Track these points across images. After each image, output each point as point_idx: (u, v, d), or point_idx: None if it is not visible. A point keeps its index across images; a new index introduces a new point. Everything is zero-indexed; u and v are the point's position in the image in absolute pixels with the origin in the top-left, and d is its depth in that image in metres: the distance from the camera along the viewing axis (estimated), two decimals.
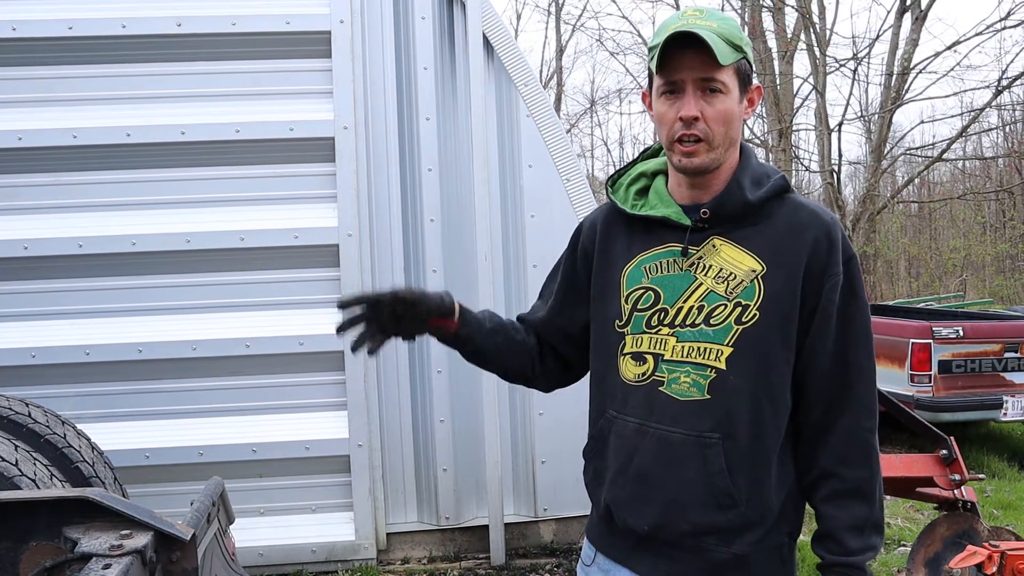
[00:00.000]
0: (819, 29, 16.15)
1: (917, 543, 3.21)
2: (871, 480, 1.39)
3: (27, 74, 3.78)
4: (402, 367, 4.02)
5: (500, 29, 4.04)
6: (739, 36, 1.38)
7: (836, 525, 1.38)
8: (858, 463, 1.39)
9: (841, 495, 1.39)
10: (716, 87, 1.36)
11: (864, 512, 1.38)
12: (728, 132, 1.39)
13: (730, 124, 1.38)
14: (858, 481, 1.39)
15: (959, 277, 21.24)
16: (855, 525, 1.38)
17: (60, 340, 3.75)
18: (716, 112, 1.37)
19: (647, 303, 1.45)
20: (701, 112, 1.36)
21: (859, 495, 1.39)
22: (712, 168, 1.41)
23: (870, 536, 1.38)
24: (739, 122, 1.40)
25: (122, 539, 1.56)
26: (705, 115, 1.37)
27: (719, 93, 1.36)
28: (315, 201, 3.91)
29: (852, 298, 1.40)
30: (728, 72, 1.36)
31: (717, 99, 1.36)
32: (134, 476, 3.60)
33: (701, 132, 1.37)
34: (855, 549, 1.37)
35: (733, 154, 1.44)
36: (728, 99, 1.37)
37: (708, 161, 1.40)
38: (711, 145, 1.38)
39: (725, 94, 1.37)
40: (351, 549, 3.89)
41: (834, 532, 1.39)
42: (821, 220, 1.40)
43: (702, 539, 1.40)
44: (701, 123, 1.37)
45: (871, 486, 1.39)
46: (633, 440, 1.44)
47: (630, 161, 1.61)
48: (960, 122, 16.00)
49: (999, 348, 6.37)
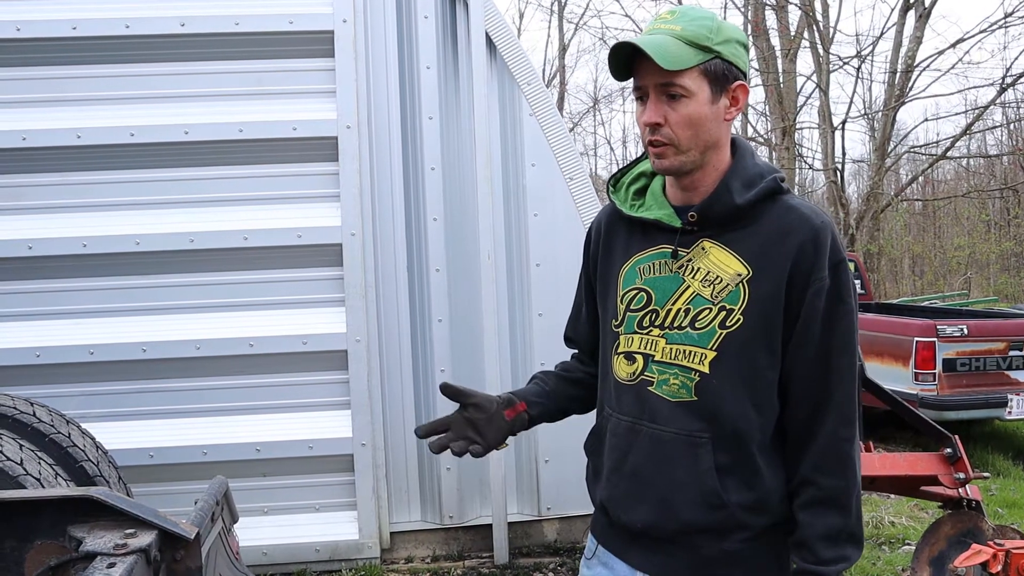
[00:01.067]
0: (822, 27, 16.11)
1: (921, 542, 3.21)
2: (847, 490, 1.38)
3: (31, 74, 3.79)
4: (405, 366, 4.03)
5: (503, 28, 4.04)
6: (707, 36, 1.35)
7: (810, 533, 1.38)
8: (833, 472, 1.38)
9: (816, 503, 1.38)
10: (676, 92, 1.35)
11: (838, 522, 1.37)
12: (698, 135, 1.38)
13: (698, 127, 1.37)
14: (834, 490, 1.38)
15: (963, 275, 21.18)
16: (828, 535, 1.37)
17: (64, 340, 3.76)
18: (679, 117, 1.36)
19: (640, 304, 1.46)
20: (664, 117, 1.37)
21: (834, 504, 1.38)
22: (687, 170, 1.41)
23: (844, 547, 1.37)
24: (713, 124, 1.38)
25: (126, 538, 1.56)
26: (668, 120, 1.37)
27: (682, 98, 1.35)
28: (318, 200, 3.91)
29: (838, 304, 1.37)
30: (690, 75, 1.35)
31: (680, 104, 1.36)
32: (138, 475, 3.60)
33: (665, 137, 1.38)
34: (827, 559, 1.36)
35: (717, 155, 1.42)
36: (692, 102, 1.36)
37: (678, 164, 1.40)
38: (678, 149, 1.38)
39: (688, 98, 1.35)
40: (355, 548, 3.89)
41: (807, 540, 1.38)
42: (809, 224, 1.38)
43: (693, 537, 1.42)
44: (665, 128, 1.37)
45: (847, 496, 1.38)
46: (627, 438, 1.46)
47: (632, 160, 1.61)
48: (964, 120, 15.97)
49: (1004, 346, 6.36)
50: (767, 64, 17.02)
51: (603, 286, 1.56)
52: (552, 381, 1.68)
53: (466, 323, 4.06)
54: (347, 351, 3.88)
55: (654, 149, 1.40)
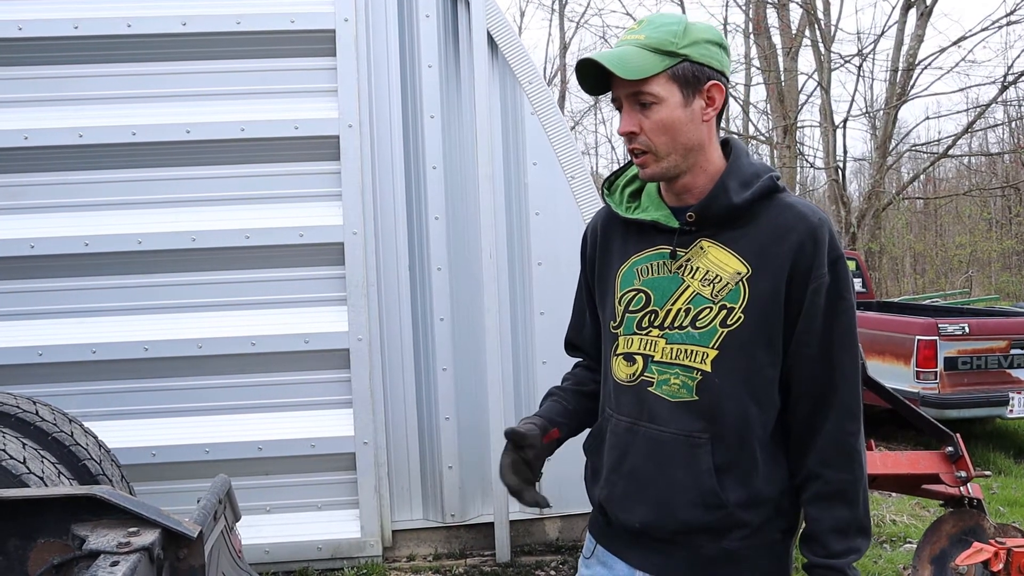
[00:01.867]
0: (824, 25, 16.09)
1: (923, 540, 3.20)
2: (855, 483, 1.40)
3: (33, 73, 3.79)
4: (407, 365, 4.03)
5: (504, 27, 4.04)
6: (671, 41, 1.37)
7: (820, 527, 1.40)
8: (841, 466, 1.40)
9: (825, 497, 1.40)
10: (646, 100, 1.38)
11: (847, 515, 1.39)
12: (675, 139, 1.39)
13: (673, 132, 1.39)
14: (841, 484, 1.40)
15: (965, 274, 21.17)
16: (838, 528, 1.39)
17: (67, 338, 3.76)
18: (652, 124, 1.38)
19: (638, 305, 1.47)
20: (640, 125, 1.39)
21: (842, 498, 1.40)
22: (673, 175, 1.43)
23: (854, 538, 1.39)
24: (689, 127, 1.39)
25: (129, 536, 1.56)
26: (643, 128, 1.39)
27: (652, 104, 1.38)
28: (320, 199, 3.91)
29: (838, 300, 1.39)
30: (657, 81, 1.37)
31: (651, 111, 1.38)
32: (141, 474, 3.61)
33: (643, 145, 1.40)
34: (838, 551, 1.38)
35: (703, 156, 1.43)
36: (663, 108, 1.38)
37: (661, 170, 1.42)
38: (657, 155, 1.40)
39: (659, 104, 1.37)
40: (357, 546, 3.90)
41: (818, 534, 1.40)
42: (807, 221, 1.39)
43: (692, 537, 1.43)
44: (641, 136, 1.40)
45: (855, 489, 1.40)
46: (625, 439, 1.47)
47: (627, 163, 1.61)
48: (966, 118, 15.96)
49: (1005, 345, 6.36)
50: (768, 62, 17.01)
51: (601, 288, 1.57)
52: (572, 399, 1.67)
53: (468, 322, 4.06)
54: (349, 350, 3.88)
55: (636, 159, 1.43)
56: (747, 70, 18.68)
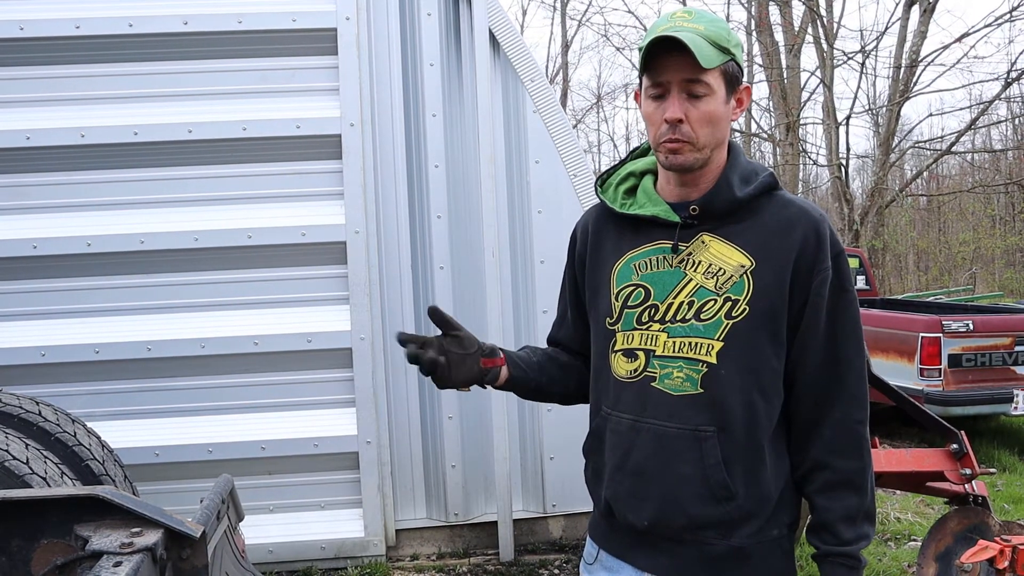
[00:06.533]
0: (827, 22, 16.05)
1: (928, 538, 3.20)
2: (863, 471, 1.42)
3: (34, 73, 3.79)
4: (410, 364, 4.02)
5: (506, 25, 4.03)
6: (726, 38, 1.39)
7: (829, 516, 1.41)
8: (849, 454, 1.42)
9: (833, 486, 1.42)
10: (699, 91, 1.38)
11: (856, 503, 1.41)
12: (714, 133, 1.41)
13: (715, 125, 1.40)
14: (850, 472, 1.42)
15: (968, 271, 21.13)
16: (848, 515, 1.41)
17: (69, 339, 3.77)
18: (701, 114, 1.38)
19: (637, 300, 1.47)
20: (685, 114, 1.38)
21: (851, 486, 1.42)
22: (697, 167, 1.43)
23: (862, 525, 1.41)
24: (726, 123, 1.42)
25: (132, 537, 1.56)
26: (689, 117, 1.39)
27: (704, 96, 1.38)
28: (322, 198, 3.91)
29: (841, 293, 1.42)
30: (713, 74, 1.38)
31: (702, 101, 1.38)
32: (144, 474, 3.61)
33: (684, 135, 1.39)
34: (849, 539, 1.40)
35: (720, 153, 1.46)
36: (713, 101, 1.38)
37: (692, 160, 1.42)
38: (696, 146, 1.40)
39: (710, 96, 1.38)
40: (360, 546, 3.90)
41: (828, 523, 1.42)
42: (810, 216, 1.42)
43: (700, 532, 1.42)
44: (685, 125, 1.39)
45: (863, 477, 1.42)
46: (628, 436, 1.46)
47: (619, 161, 1.63)
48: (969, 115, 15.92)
49: (1009, 341, 6.34)
50: (771, 59, 16.98)
51: (593, 286, 1.57)
52: (540, 356, 1.65)
53: (471, 320, 4.05)
54: (351, 349, 3.88)
55: (671, 145, 1.40)
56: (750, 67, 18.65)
